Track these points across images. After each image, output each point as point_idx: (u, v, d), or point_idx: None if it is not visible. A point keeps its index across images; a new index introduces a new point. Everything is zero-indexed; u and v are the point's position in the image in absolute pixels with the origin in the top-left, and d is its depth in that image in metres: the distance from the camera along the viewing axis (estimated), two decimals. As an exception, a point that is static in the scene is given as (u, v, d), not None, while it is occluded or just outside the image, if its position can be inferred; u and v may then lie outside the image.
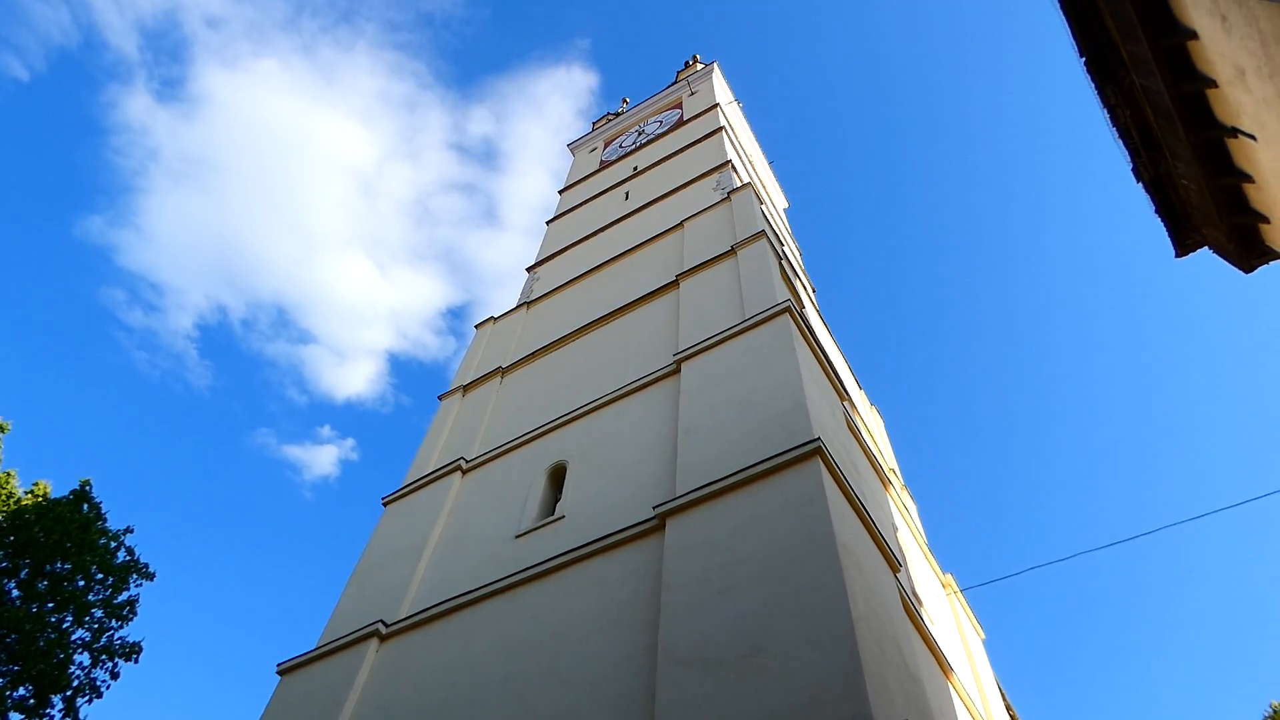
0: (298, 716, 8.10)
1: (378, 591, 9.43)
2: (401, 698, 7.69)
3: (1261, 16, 9.40)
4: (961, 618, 11.87)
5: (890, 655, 5.87)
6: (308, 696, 8.29)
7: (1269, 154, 11.61)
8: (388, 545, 10.32)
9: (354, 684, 8.04)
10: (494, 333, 15.52)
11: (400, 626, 8.60)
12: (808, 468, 6.88)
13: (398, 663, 8.20)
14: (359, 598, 9.53)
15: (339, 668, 8.40)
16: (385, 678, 8.09)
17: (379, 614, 8.86)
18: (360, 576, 9.99)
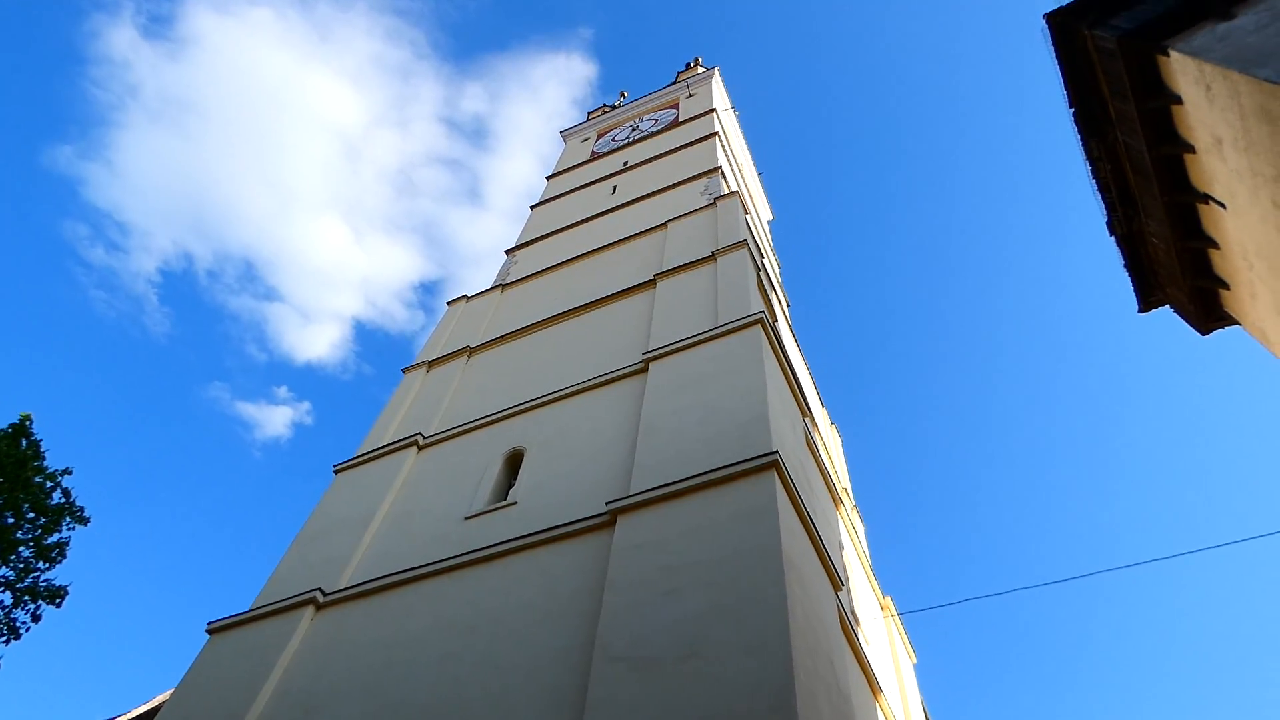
0: (223, 677, 7.96)
1: (319, 559, 9.31)
2: (333, 668, 7.61)
3: (1244, 91, 9.70)
4: (896, 640, 12.09)
5: (823, 671, 5.96)
6: (236, 659, 8.16)
7: (1236, 224, 12.01)
8: (334, 513, 10.19)
9: (285, 650, 7.94)
10: (466, 311, 15.39)
11: (339, 596, 8.51)
12: (763, 479, 6.95)
13: (332, 633, 8.11)
14: (299, 563, 9.40)
15: (271, 632, 8.28)
16: (318, 646, 8.00)
17: (318, 582, 8.75)
18: (303, 542, 9.85)
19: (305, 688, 7.51)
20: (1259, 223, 10.42)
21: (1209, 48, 9.64)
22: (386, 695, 6.94)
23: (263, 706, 7.44)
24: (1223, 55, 9.37)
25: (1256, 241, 10.75)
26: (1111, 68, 11.23)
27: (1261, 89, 8.75)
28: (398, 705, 6.76)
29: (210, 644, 8.59)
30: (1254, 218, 10.50)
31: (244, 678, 7.77)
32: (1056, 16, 11.84)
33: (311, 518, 10.33)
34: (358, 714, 6.89)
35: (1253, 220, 10.57)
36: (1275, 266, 10.63)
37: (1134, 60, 10.80)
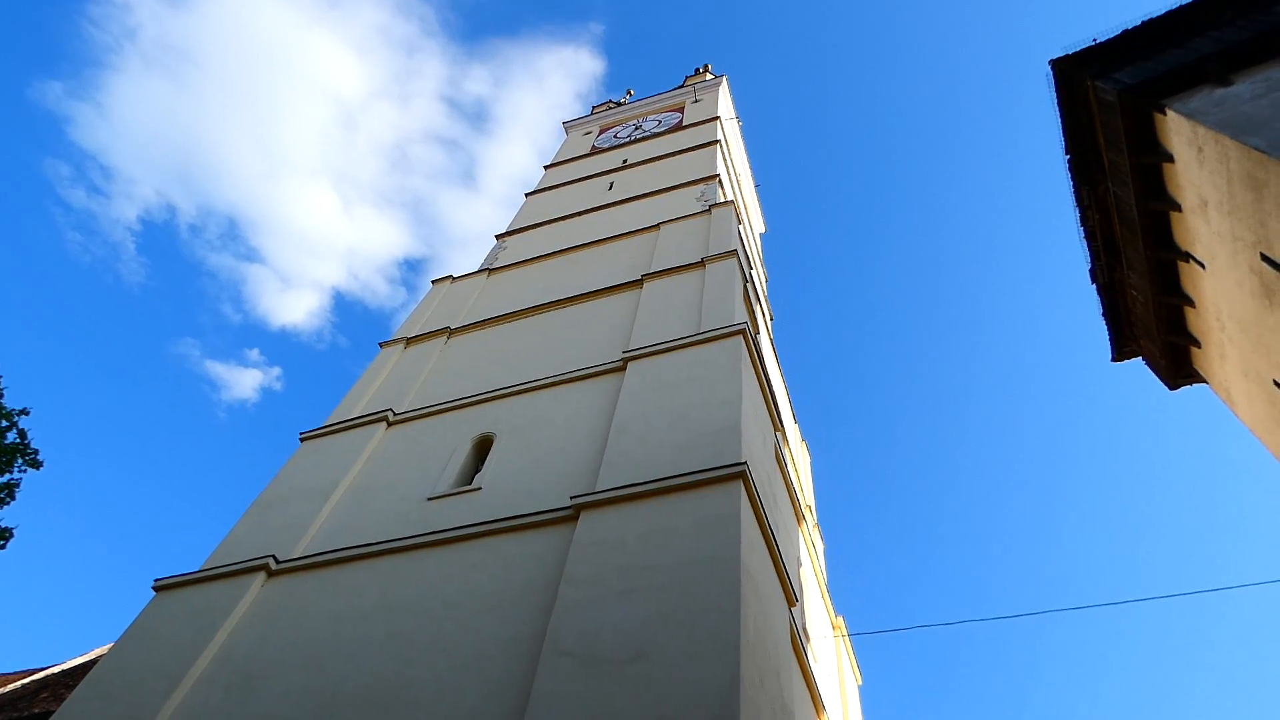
0: (166, 636, 7.85)
1: (276, 526, 9.20)
2: (278, 637, 7.52)
3: (1234, 157, 9.91)
4: (844, 660, 12.21)
5: (768, 685, 6.00)
6: (181, 618, 8.04)
7: (1213, 284, 12.26)
8: (296, 482, 10.07)
9: (231, 614, 7.84)
10: (450, 292, 15.29)
11: (292, 566, 8.42)
12: (729, 489, 6.97)
13: (282, 601, 8.02)
14: (255, 528, 9.29)
15: (219, 595, 8.17)
16: (265, 614, 7.91)
17: (272, 549, 8.66)
18: (260, 508, 9.73)
19: (249, 653, 7.42)
20: (1235, 286, 10.66)
21: (1205, 111, 9.86)
22: (330, 669, 6.88)
23: (203, 668, 7.35)
24: (1217, 120, 9.58)
25: (1231, 304, 11.00)
26: (1110, 120, 11.44)
27: (1250, 156, 8.96)
28: (341, 680, 6.71)
29: (156, 601, 8.46)
30: (1231, 280, 10.74)
31: (187, 638, 7.66)
32: (1062, 64, 12.04)
33: (272, 484, 10.20)
34: (299, 684, 6.82)
35: (1229, 283, 10.81)
36: (1246, 330, 10.88)
37: (1132, 115, 11.01)
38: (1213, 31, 10.91)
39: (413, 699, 6.25)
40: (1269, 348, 10.42)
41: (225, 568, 8.55)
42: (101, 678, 7.53)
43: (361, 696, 6.46)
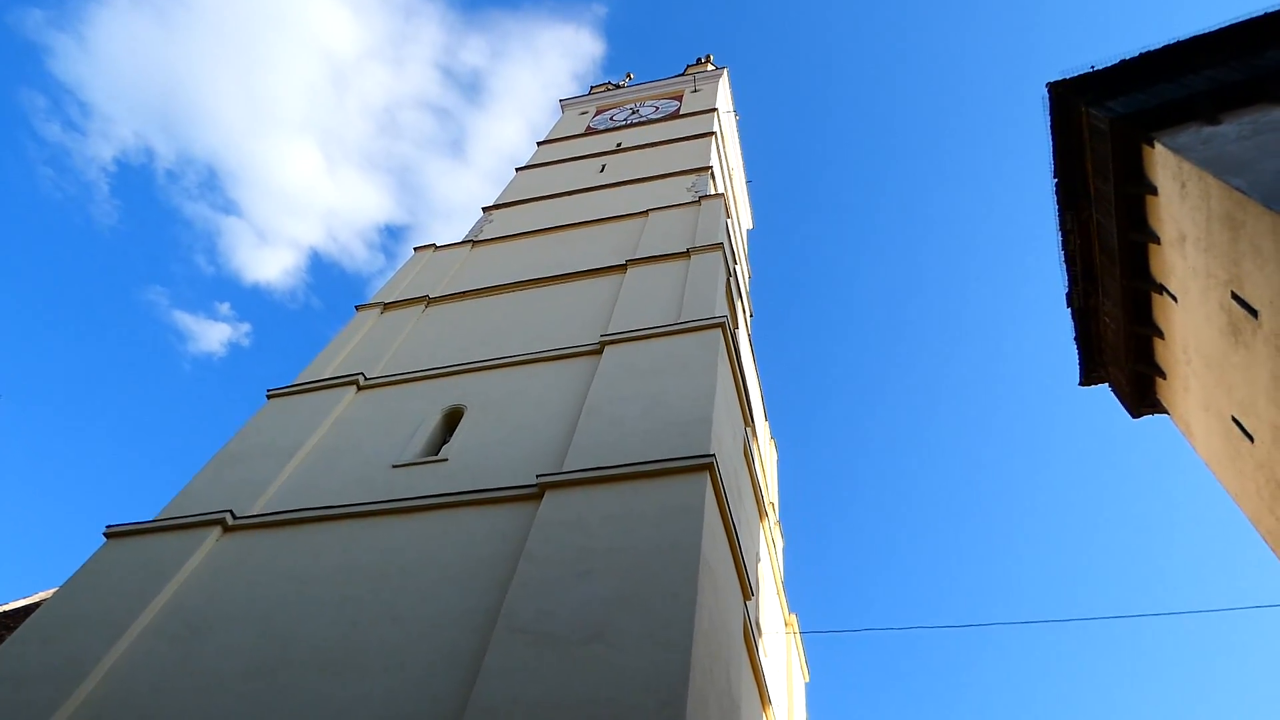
0: (114, 583, 7.72)
1: (236, 481, 9.08)
2: (229, 593, 7.44)
3: (1215, 195, 10.10)
4: (793, 657, 12.37)
5: (718, 675, 6.06)
6: (130, 567, 7.91)
7: (1183, 318, 12.51)
8: (259, 439, 9.94)
9: (183, 566, 7.74)
10: (432, 261, 15.14)
11: (249, 523, 8.32)
12: (695, 480, 7.01)
13: (235, 558, 7.93)
14: (214, 482, 9.16)
15: (172, 546, 8.06)
16: (218, 569, 7.82)
17: (230, 504, 8.55)
18: (221, 462, 9.59)
19: (197, 608, 7.34)
20: (1204, 321, 10.90)
21: (1192, 147, 10.03)
22: (279, 629, 6.82)
23: (150, 619, 7.25)
24: (1202, 157, 9.75)
25: (1198, 338, 11.25)
26: (1099, 147, 11.60)
27: (1231, 196, 9.14)
28: (289, 640, 6.66)
29: (106, 548, 8.32)
30: (1200, 316, 10.97)
31: (135, 587, 7.55)
32: (1058, 87, 12.16)
33: (234, 439, 10.06)
34: (247, 641, 6.76)
35: (1199, 318, 11.05)
36: (1211, 365, 11.14)
37: (1121, 144, 11.17)
38: (1207, 70, 11.08)
39: (361, 665, 6.22)
40: (1231, 385, 10.68)
41: (180, 519, 8.43)
42: (43, 621, 7.40)
43: (309, 659, 6.42)
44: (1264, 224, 8.67)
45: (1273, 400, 9.56)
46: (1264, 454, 10.25)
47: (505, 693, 5.39)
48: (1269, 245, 8.71)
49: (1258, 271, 9.11)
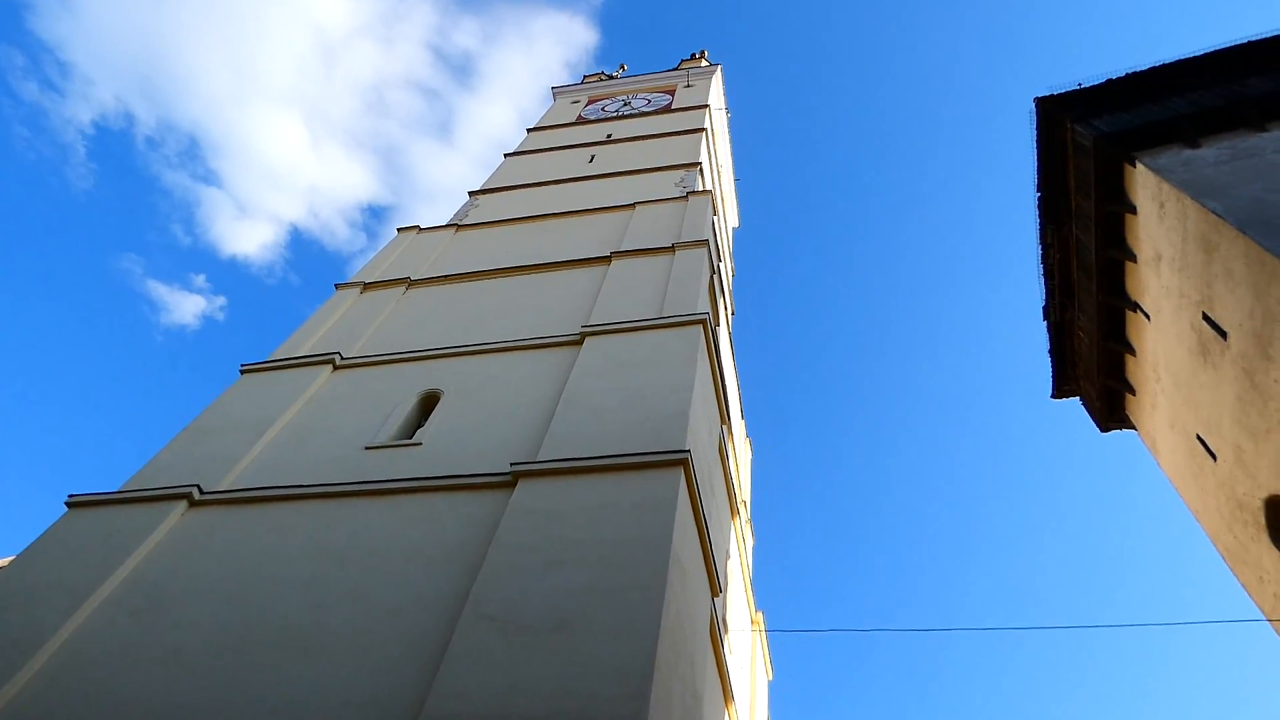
0: (74, 553, 7.60)
1: (205, 455, 8.96)
2: (192, 568, 7.35)
3: (1191, 217, 10.27)
4: (758, 655, 12.48)
5: (682, 670, 6.10)
6: (92, 537, 7.79)
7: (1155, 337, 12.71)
8: (232, 413, 9.82)
9: (147, 539, 7.63)
10: (415, 242, 15.01)
11: (216, 498, 8.22)
12: (669, 475, 7.03)
13: (201, 533, 7.83)
14: (182, 456, 9.03)
15: (136, 518, 7.94)
16: (182, 543, 7.71)
17: (198, 478, 8.44)
18: (191, 435, 9.46)
19: (159, 582, 7.24)
20: (1175, 341, 11.11)
21: (1171, 169, 10.20)
22: (244, 607, 6.75)
23: (110, 590, 7.14)
24: (1181, 179, 9.92)
25: (1168, 357, 11.47)
26: (1083, 164, 11.77)
27: (1207, 219, 9.32)
28: (252, 618, 6.59)
29: (67, 517, 8.18)
30: (1171, 335, 11.19)
31: (97, 558, 7.43)
32: (1046, 103, 12.31)
33: (206, 412, 9.93)
34: (209, 618, 6.68)
35: (1170, 337, 11.26)
36: (1179, 384, 11.36)
37: (1104, 162, 11.35)
38: (1190, 93, 11.26)
39: (326, 645, 6.18)
40: (1197, 403, 10.90)
41: (145, 492, 8.31)
42: (1, 588, 7.26)
43: (273, 638, 6.36)
44: (1237, 248, 8.86)
45: (1237, 421, 9.79)
46: (1226, 473, 10.49)
47: (470, 678, 5.38)
48: (1241, 269, 8.90)
49: (1229, 294, 9.32)
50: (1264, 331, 8.69)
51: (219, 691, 5.97)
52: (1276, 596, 9.83)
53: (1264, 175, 9.31)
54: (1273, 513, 9.52)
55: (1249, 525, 10.11)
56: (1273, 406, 8.83)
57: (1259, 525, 9.82)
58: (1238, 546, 10.68)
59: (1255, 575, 10.34)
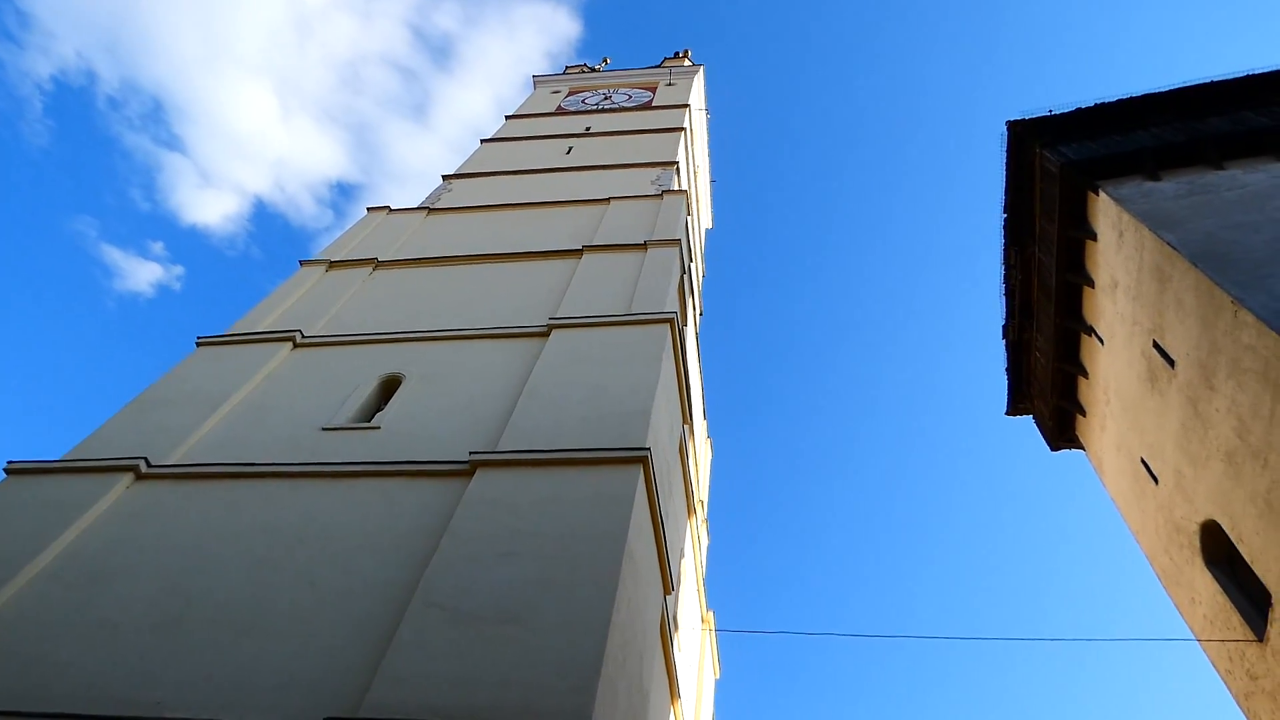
0: (10, 522, 7.35)
1: (154, 427, 8.75)
2: (135, 543, 7.17)
3: (1148, 247, 10.59)
4: (707, 653, 12.59)
5: (630, 666, 6.13)
6: (30, 506, 7.55)
7: (1107, 360, 13.08)
8: (184, 387, 9.59)
9: (88, 511, 7.42)
10: (385, 223, 14.80)
11: (164, 472, 8.03)
12: (628, 472, 7.05)
13: (146, 507, 7.64)
14: (130, 427, 8.80)
15: (78, 489, 7.71)
16: (126, 517, 7.52)
17: (146, 451, 8.23)
18: (141, 407, 9.22)
19: (99, 555, 7.05)
20: (1126, 366, 11.46)
21: (1132, 199, 10.51)
22: (186, 584, 6.61)
23: (46, 562, 6.93)
24: (1141, 210, 10.23)
25: (1119, 381, 11.83)
26: (1049, 189, 12.08)
27: (1162, 250, 9.62)
28: (195, 596, 6.46)
29: (5, 484, 7.92)
30: (1123, 360, 11.54)
31: (34, 528, 7.21)
32: (1017, 126, 12.60)
33: (158, 384, 9.68)
34: (149, 594, 6.53)
35: (1121, 362, 11.62)
36: (1128, 408, 11.72)
37: (1069, 188, 11.67)
38: (1154, 127, 11.61)
39: (269, 627, 6.08)
40: (1143, 428, 11.26)
41: (89, 462, 8.08)
42: (-70, 556, 7.00)
43: (215, 617, 6.24)
44: (1189, 280, 9.18)
45: (1180, 447, 10.13)
46: (1166, 496, 10.86)
47: (416, 666, 5.35)
48: (1191, 301, 9.22)
49: (1179, 324, 9.64)
50: (1209, 362, 9.01)
51: (155, 669, 5.84)
52: (1206, 618, 10.21)
53: (1218, 212, 9.65)
54: (1207, 537, 9.88)
55: (1184, 548, 10.48)
56: (1213, 435, 9.16)
57: (1194, 548, 10.18)
58: (1173, 568, 11.07)
59: (1188, 596, 10.73)
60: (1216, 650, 10.02)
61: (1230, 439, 8.77)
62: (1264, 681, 8.87)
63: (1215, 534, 9.68)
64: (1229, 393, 8.67)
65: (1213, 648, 10.11)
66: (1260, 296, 8.13)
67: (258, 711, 5.41)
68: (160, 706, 5.53)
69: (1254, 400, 8.19)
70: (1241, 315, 8.18)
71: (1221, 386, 8.81)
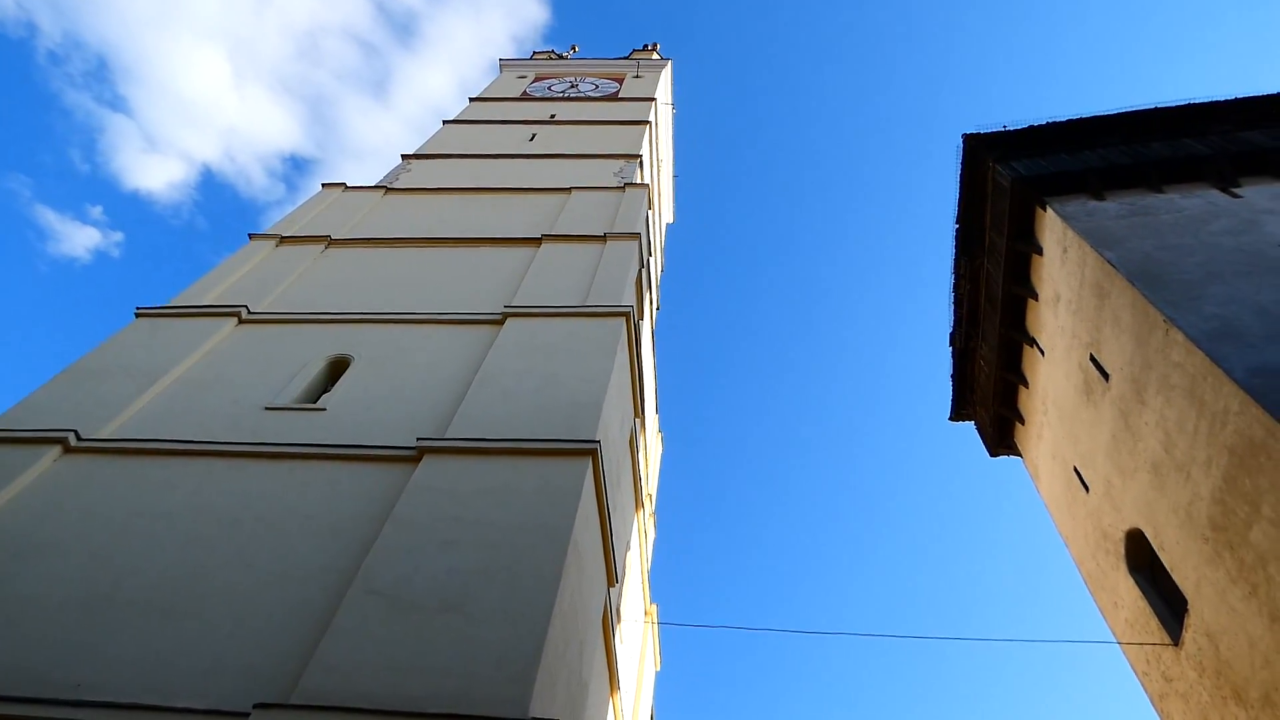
0: (-74, 494, 7.01)
1: (87, 399, 8.42)
2: (62, 518, 6.90)
3: (1089, 264, 10.94)
4: (648, 645, 12.67)
5: (570, 657, 6.14)
6: (-51, 478, 7.20)
7: (1047, 371, 13.48)
8: (121, 358, 9.25)
9: (11, 484, 7.11)
10: (339, 201, 14.47)
11: (96, 446, 7.74)
12: (576, 464, 7.05)
13: (75, 481, 7.36)
14: (60, 398, 8.45)
15: (2, 461, 7.38)
16: (53, 490, 7.23)
17: (77, 423, 7.92)
18: (73, 377, 8.86)
19: (23, 530, 6.77)
20: (1064, 378, 11.87)
21: (1077, 216, 10.87)
22: (115, 562, 6.39)
23: (-36, 538, 6.62)
24: (1085, 227, 10.59)
25: (1057, 392, 12.25)
26: (999, 202, 12.42)
27: (1103, 267, 9.98)
28: (122, 575, 6.25)
29: (-78, 454, 7.54)
30: (1061, 372, 11.95)
31: (-48, 501, 6.88)
32: (972, 140, 12.91)
33: (92, 354, 9.32)
34: (75, 572, 6.29)
35: (1059, 374, 12.03)
36: (1064, 418, 12.14)
37: (1019, 203, 12.01)
38: (1101, 148, 12.02)
39: (200, 610, 5.92)
40: (1077, 438, 11.68)
41: (15, 433, 7.75)
42: None
43: (144, 597, 6.05)
44: (1126, 298, 9.54)
45: (1110, 457, 10.55)
46: (1095, 504, 11.30)
47: (351, 654, 5.27)
48: (1127, 318, 9.59)
49: (1115, 339, 10.02)
50: (1141, 377, 9.39)
51: (77, 649, 5.64)
52: (1128, 622, 10.66)
53: (1156, 233, 10.04)
54: (1132, 545, 10.32)
55: (1110, 554, 10.93)
56: (1141, 447, 9.55)
57: (1119, 555, 10.62)
58: (1099, 573, 11.53)
59: (1111, 600, 11.19)
60: (1135, 653, 10.49)
61: (1157, 452, 9.17)
62: (1178, 684, 9.32)
63: (1139, 542, 10.11)
64: (1158, 407, 9.05)
65: (1132, 650, 10.57)
66: (1191, 317, 8.50)
67: (184, 696, 5.27)
68: (80, 689, 5.34)
69: (1180, 415, 8.57)
70: (1173, 334, 8.54)
71: (1151, 401, 9.19)
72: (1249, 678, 7.76)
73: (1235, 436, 7.59)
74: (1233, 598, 7.87)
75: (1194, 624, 8.71)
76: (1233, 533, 7.79)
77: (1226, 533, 7.89)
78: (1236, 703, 8.02)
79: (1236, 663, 7.94)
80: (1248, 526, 7.54)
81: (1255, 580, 7.50)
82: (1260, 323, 8.16)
